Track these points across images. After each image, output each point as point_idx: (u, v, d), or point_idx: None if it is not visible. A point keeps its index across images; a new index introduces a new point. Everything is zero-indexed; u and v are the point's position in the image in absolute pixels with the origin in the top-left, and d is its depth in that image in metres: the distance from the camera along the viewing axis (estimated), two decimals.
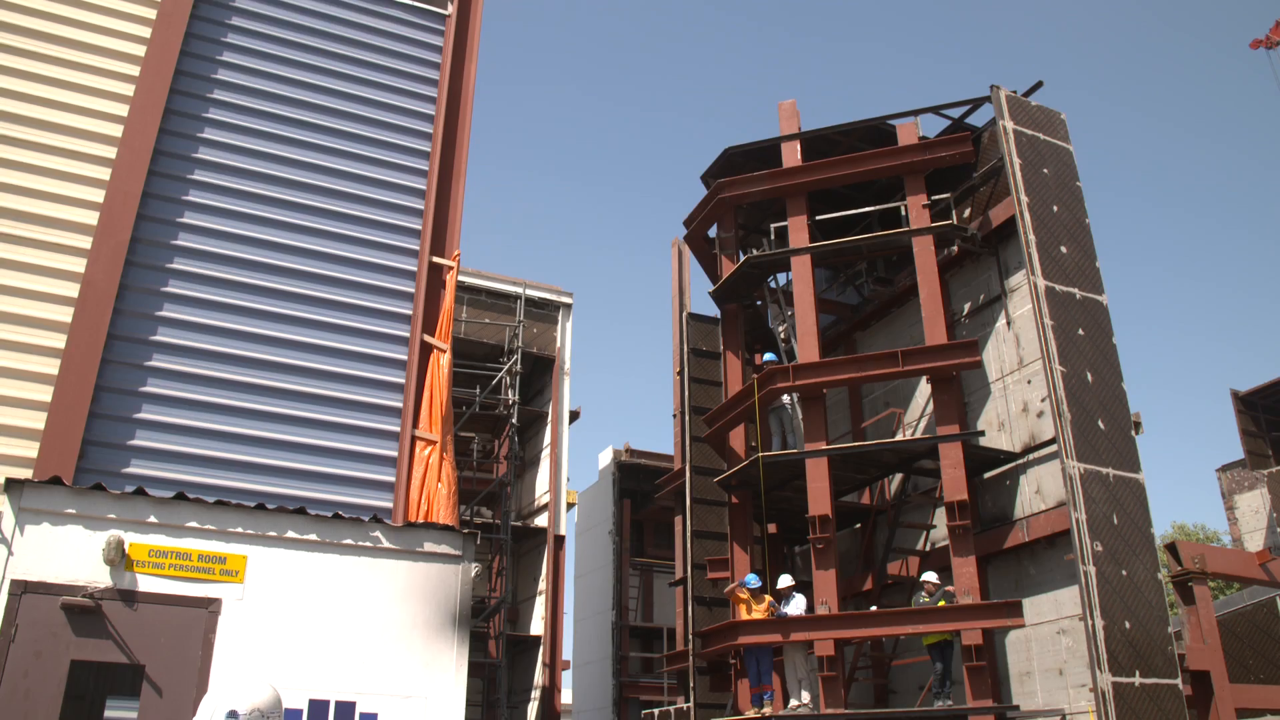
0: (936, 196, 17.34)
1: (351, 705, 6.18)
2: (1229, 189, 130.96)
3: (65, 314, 9.17)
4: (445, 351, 10.89)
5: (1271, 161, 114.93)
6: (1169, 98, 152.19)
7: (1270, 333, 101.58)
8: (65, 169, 9.80)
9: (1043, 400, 15.64)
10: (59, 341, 9.03)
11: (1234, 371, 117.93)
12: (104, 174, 9.85)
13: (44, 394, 8.78)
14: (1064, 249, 15.86)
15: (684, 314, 23.31)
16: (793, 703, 15.52)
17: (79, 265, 9.38)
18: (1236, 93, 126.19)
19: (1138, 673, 13.54)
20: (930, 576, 15.45)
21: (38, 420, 8.66)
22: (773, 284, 19.97)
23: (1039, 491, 15.81)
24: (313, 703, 6.11)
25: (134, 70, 10.42)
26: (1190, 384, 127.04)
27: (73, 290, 9.28)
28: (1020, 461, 16.24)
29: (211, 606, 6.05)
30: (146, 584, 5.94)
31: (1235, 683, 16.23)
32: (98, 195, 9.74)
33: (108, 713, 6.76)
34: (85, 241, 9.50)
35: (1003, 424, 16.74)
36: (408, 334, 10.78)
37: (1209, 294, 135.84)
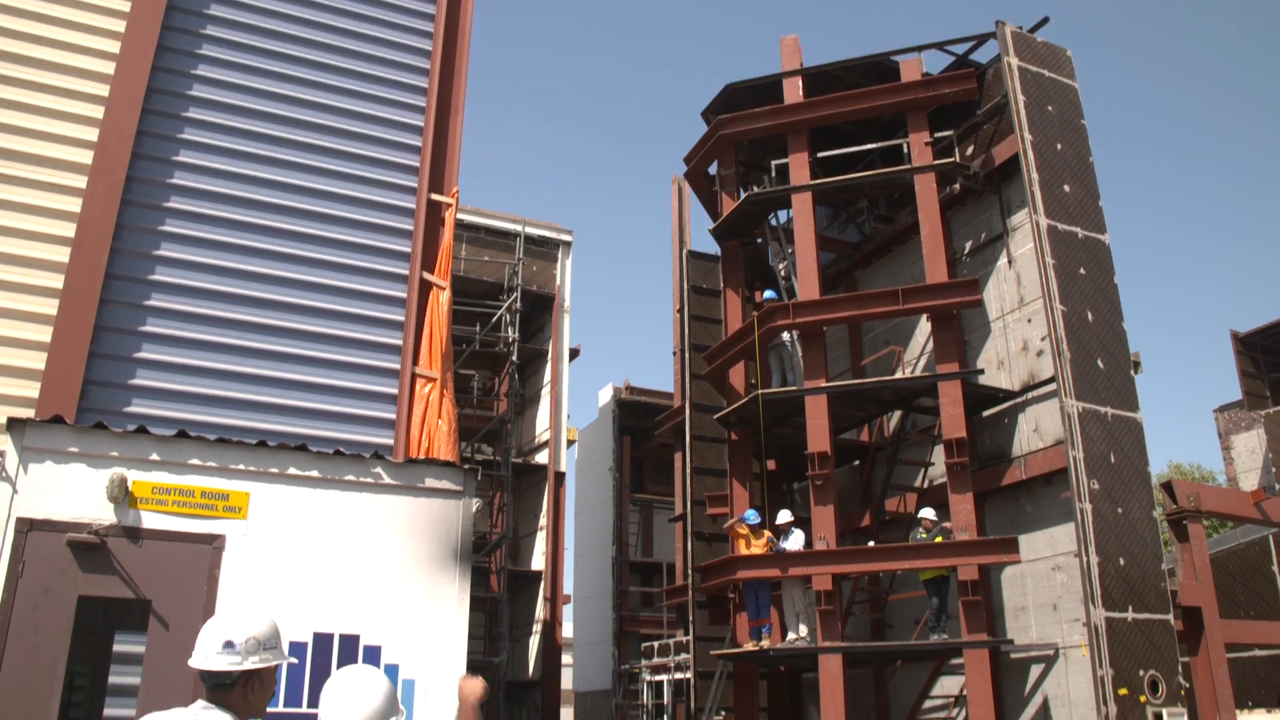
0: (939, 134, 17.19)
1: (355, 638, 6.26)
2: (1233, 131, 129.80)
3: (63, 254, 9.13)
4: (445, 289, 10.87)
5: (1274, 105, 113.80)
6: (1176, 40, 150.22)
7: (1271, 275, 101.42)
8: (59, 107, 9.69)
9: (1043, 339, 15.65)
10: (57, 282, 9.01)
11: (1234, 313, 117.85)
12: (98, 112, 9.75)
13: (43, 334, 8.78)
14: (1067, 187, 15.76)
15: (684, 251, 23.23)
16: (790, 636, 15.73)
17: (75, 205, 9.33)
18: (1243, 36, 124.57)
19: (1130, 608, 13.71)
20: (928, 513, 15.59)
21: (38, 360, 8.68)
22: (773, 221, 19.89)
23: (1037, 430, 15.88)
24: (317, 636, 6.18)
25: (126, 6, 10.28)
26: (1190, 325, 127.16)
27: (69, 230, 9.23)
28: (1019, 400, 16.29)
29: (215, 542, 6.11)
30: (150, 521, 5.99)
31: (1226, 618, 16.45)
32: (92, 134, 9.65)
33: (116, 647, 6.87)
34: (81, 181, 9.43)
35: (1002, 362, 16.77)
36: (407, 271, 10.74)
37: (1211, 235, 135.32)
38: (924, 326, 17.75)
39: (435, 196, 11.14)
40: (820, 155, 17.98)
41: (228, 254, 10.00)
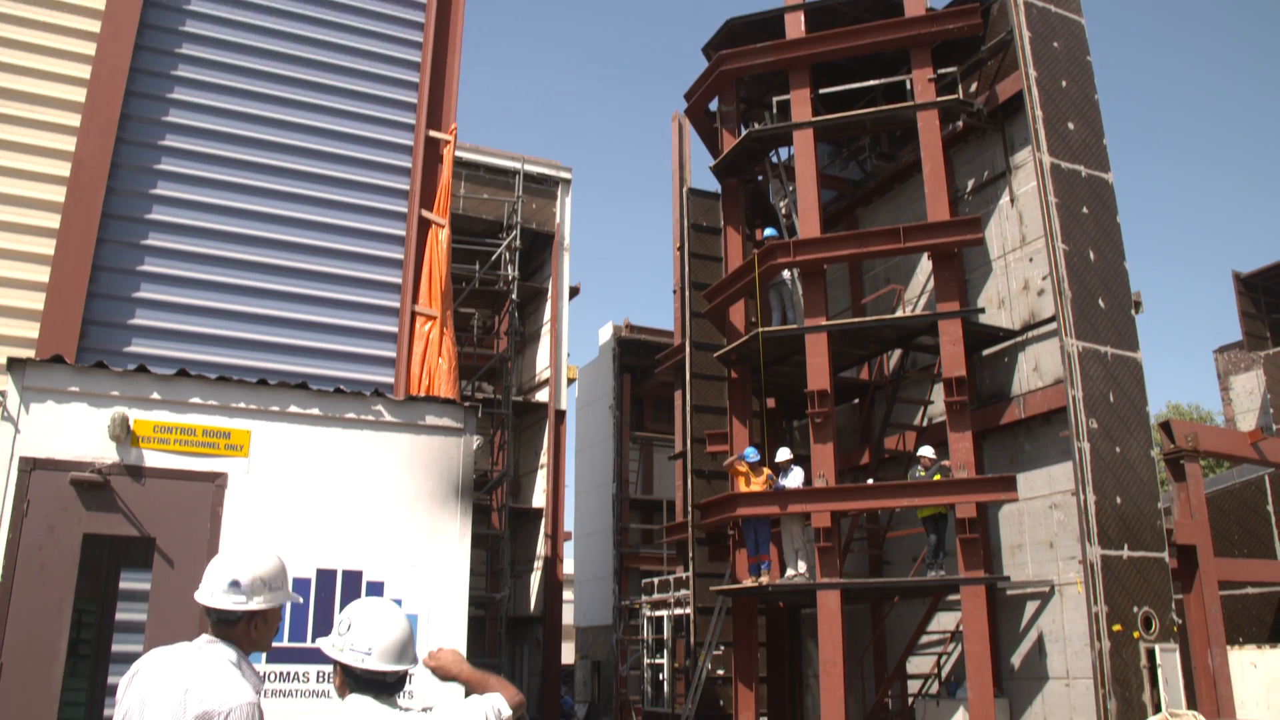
0: (943, 70, 16.98)
1: (358, 574, 6.31)
2: (1238, 71, 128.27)
3: (59, 194, 9.07)
4: (444, 227, 10.81)
5: (1278, 46, 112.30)
6: None
7: (1274, 216, 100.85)
8: (51, 44, 9.55)
9: (1044, 278, 15.61)
10: (54, 222, 8.96)
11: (1236, 254, 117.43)
12: (90, 49, 9.62)
13: (42, 275, 8.76)
14: (1071, 125, 15.62)
15: (684, 189, 23.09)
16: (789, 572, 15.89)
17: (70, 144, 9.24)
18: None
19: (1126, 546, 13.83)
20: (927, 451, 15.67)
21: (37, 301, 8.66)
22: (774, 159, 19.73)
23: (1037, 369, 15.90)
24: (320, 572, 6.24)
25: None
26: (1191, 266, 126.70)
27: (65, 169, 9.16)
28: (1019, 339, 16.29)
29: (218, 480, 6.14)
30: (153, 459, 6.01)
31: (1220, 557, 16.61)
32: (85, 71, 9.53)
33: (122, 584, 6.93)
34: (75, 119, 9.33)
35: (1003, 301, 16.75)
36: (405, 209, 10.68)
37: (1215, 175, 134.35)
38: (925, 265, 17.70)
39: (433, 133, 11.03)
40: (822, 92, 17.79)
41: (225, 192, 9.93)
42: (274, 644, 5.79)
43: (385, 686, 2.93)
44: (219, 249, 9.73)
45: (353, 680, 2.95)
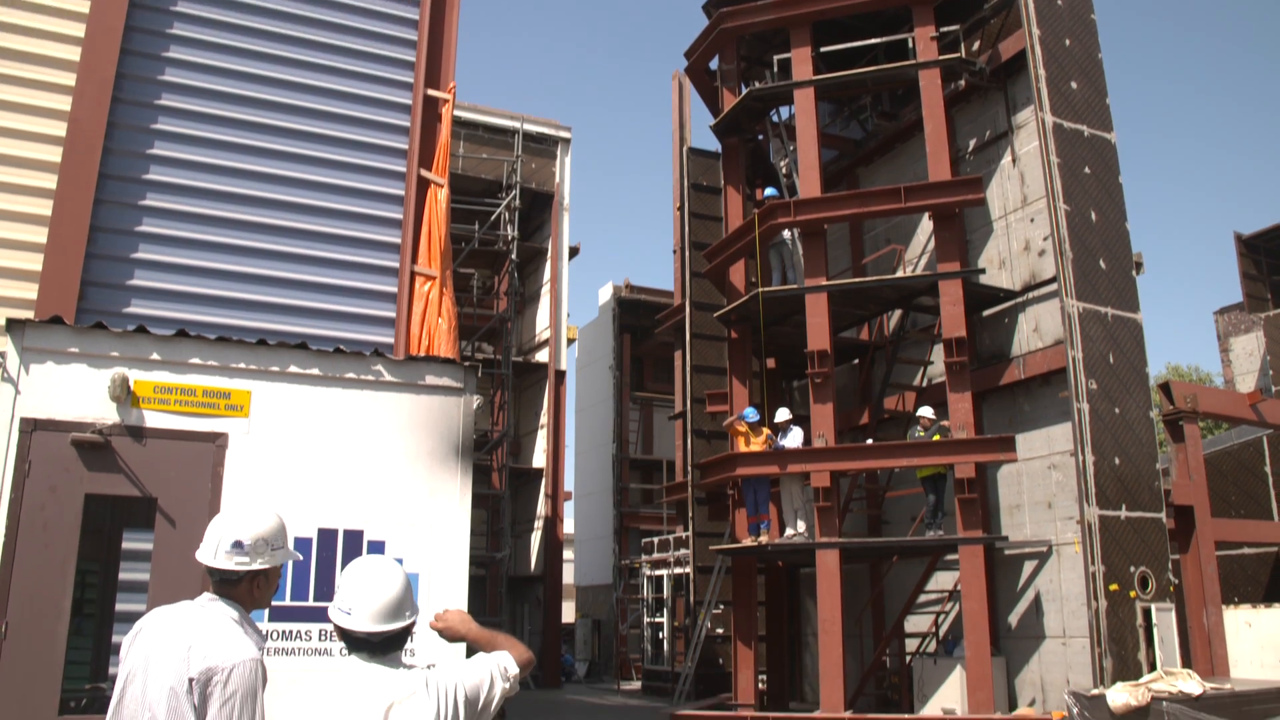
0: (945, 28, 16.82)
1: (359, 533, 6.34)
2: (1243, 32, 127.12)
3: (55, 154, 9.01)
4: (443, 186, 10.76)
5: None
6: None
7: (1278, 177, 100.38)
8: (44, 1, 9.45)
9: (1045, 239, 15.55)
10: (51, 182, 8.91)
11: (1239, 215, 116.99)
12: (84, 6, 9.52)
13: (39, 235, 8.72)
14: (1074, 84, 15.49)
15: (684, 148, 23.00)
16: (789, 531, 15.96)
17: (66, 104, 9.17)
18: None
19: (1124, 506, 13.89)
20: (926, 411, 15.68)
21: (35, 262, 8.63)
22: (775, 118, 19.58)
23: (1037, 330, 15.89)
24: (321, 532, 6.26)
25: None
26: (1193, 227, 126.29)
27: (61, 129, 9.09)
28: (1019, 300, 16.26)
29: (218, 440, 6.14)
30: (153, 420, 6.01)
31: (1217, 517, 16.68)
32: (79, 29, 9.43)
33: (125, 544, 6.96)
34: (70, 79, 9.25)
35: (1003, 262, 16.70)
36: (404, 169, 10.63)
37: (1218, 135, 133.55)
38: (926, 225, 17.63)
39: (432, 92, 10.95)
40: (823, 50, 17.63)
41: (224, 152, 9.87)
42: (276, 602, 5.86)
43: (373, 647, 2.89)
44: (217, 209, 9.68)
45: (345, 640, 2.95)
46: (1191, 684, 11.01)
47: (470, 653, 3.24)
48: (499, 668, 3.08)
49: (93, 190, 8.97)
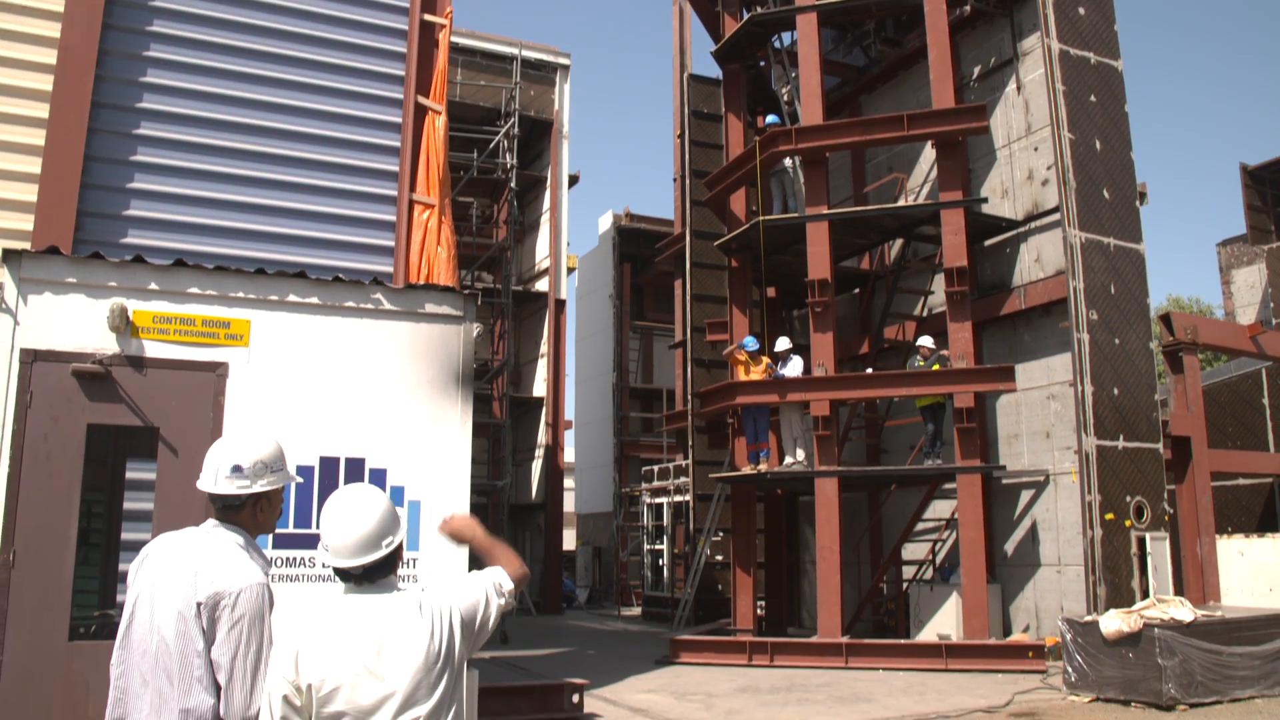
0: None
1: (361, 461, 6.36)
2: None
3: (46, 82, 8.88)
4: (440, 114, 10.65)
5: None
6: None
7: None
8: None
9: (1049, 168, 15.43)
10: (43, 111, 8.79)
11: (1245, 146, 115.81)
12: None
13: (33, 165, 8.64)
14: (1081, 10, 15.24)
15: (685, 75, 22.71)
16: (788, 460, 16.06)
17: (55, 30, 9.01)
18: None
19: (1121, 437, 13.95)
20: (926, 341, 15.69)
21: (30, 193, 8.57)
22: (777, 44, 19.32)
23: (1038, 260, 15.83)
24: (323, 460, 6.29)
25: None
26: (1198, 157, 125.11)
27: (51, 57, 8.95)
28: (1022, 229, 16.19)
29: (219, 370, 6.15)
30: (153, 350, 6.00)
31: (1214, 448, 16.74)
32: None
33: (128, 474, 7.01)
34: (59, 3, 9.08)
35: (1006, 191, 16.59)
36: (401, 95, 10.51)
37: (1225, 64, 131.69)
38: (928, 154, 17.48)
39: (428, 16, 10.78)
40: None
41: (218, 80, 9.74)
42: (279, 530, 5.92)
43: (360, 577, 2.90)
44: (213, 138, 9.58)
45: (335, 572, 2.96)
46: (1183, 611, 11.14)
47: (472, 559, 3.24)
48: (493, 585, 3.08)
49: (86, 119, 8.87)
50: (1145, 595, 13.08)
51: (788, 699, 11.69)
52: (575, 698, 10.51)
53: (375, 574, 2.92)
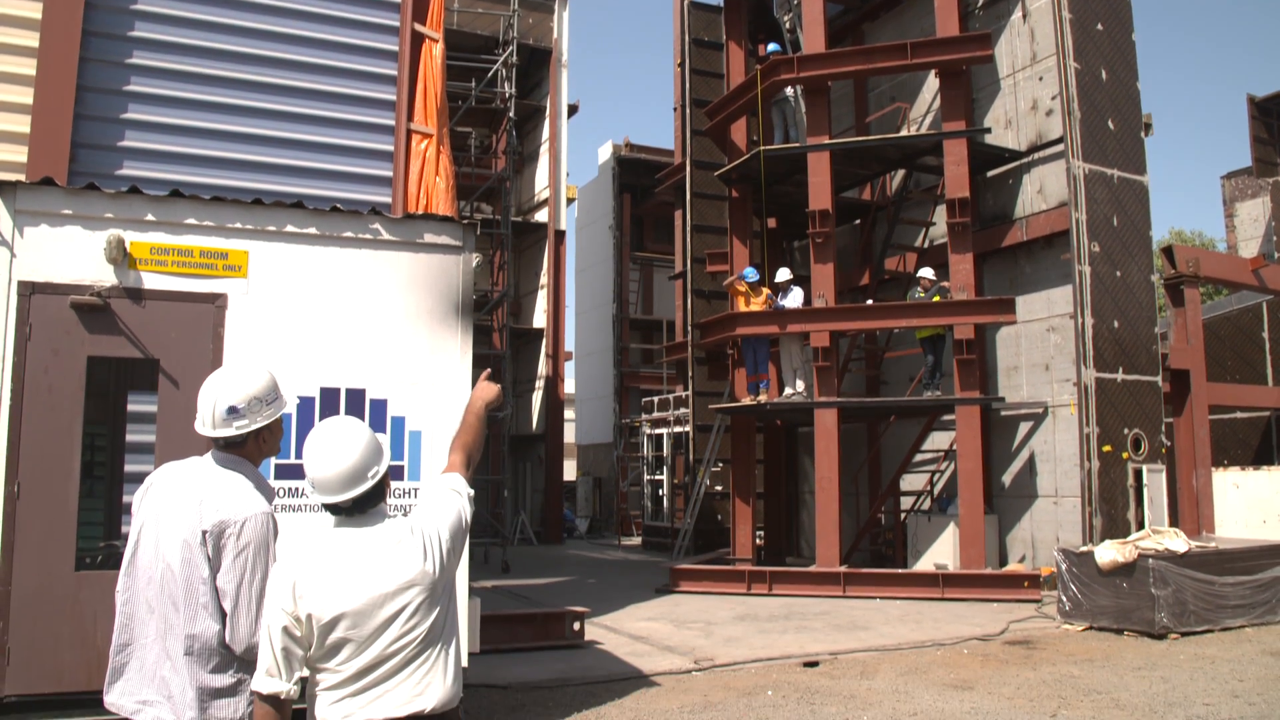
0: None
1: (361, 392, 6.35)
2: None
3: (36, 10, 8.72)
4: (437, 41, 10.50)
5: None
6: None
7: None
8: None
9: (1053, 98, 15.25)
10: (33, 40, 8.65)
11: (1252, 77, 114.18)
12: None
13: (25, 96, 8.53)
14: None
15: (685, 2, 22.36)
16: (787, 391, 16.11)
17: None
18: None
19: (1121, 369, 13.98)
20: (927, 272, 15.65)
21: (23, 124, 8.47)
22: None
23: (1041, 191, 15.72)
24: (324, 390, 6.28)
25: None
26: (1204, 87, 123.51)
27: None
28: (1025, 160, 16.05)
29: (218, 301, 6.11)
30: (151, 281, 5.97)
31: (1213, 382, 16.79)
32: None
33: (130, 406, 7.01)
34: None
35: (1010, 121, 16.42)
36: (397, 23, 10.34)
37: None
38: (932, 83, 17.28)
39: None
40: None
41: (213, 7, 9.57)
42: (280, 460, 5.94)
43: (347, 510, 2.93)
44: (208, 67, 9.45)
45: (324, 505, 2.98)
46: (1178, 542, 11.25)
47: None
48: (457, 493, 3.14)
49: (77, 47, 8.73)
50: (1141, 526, 13.20)
51: (786, 627, 11.85)
52: (576, 625, 10.66)
53: (364, 505, 2.95)
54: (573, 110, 28.96)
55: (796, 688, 8.50)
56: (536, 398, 27.57)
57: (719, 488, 21.50)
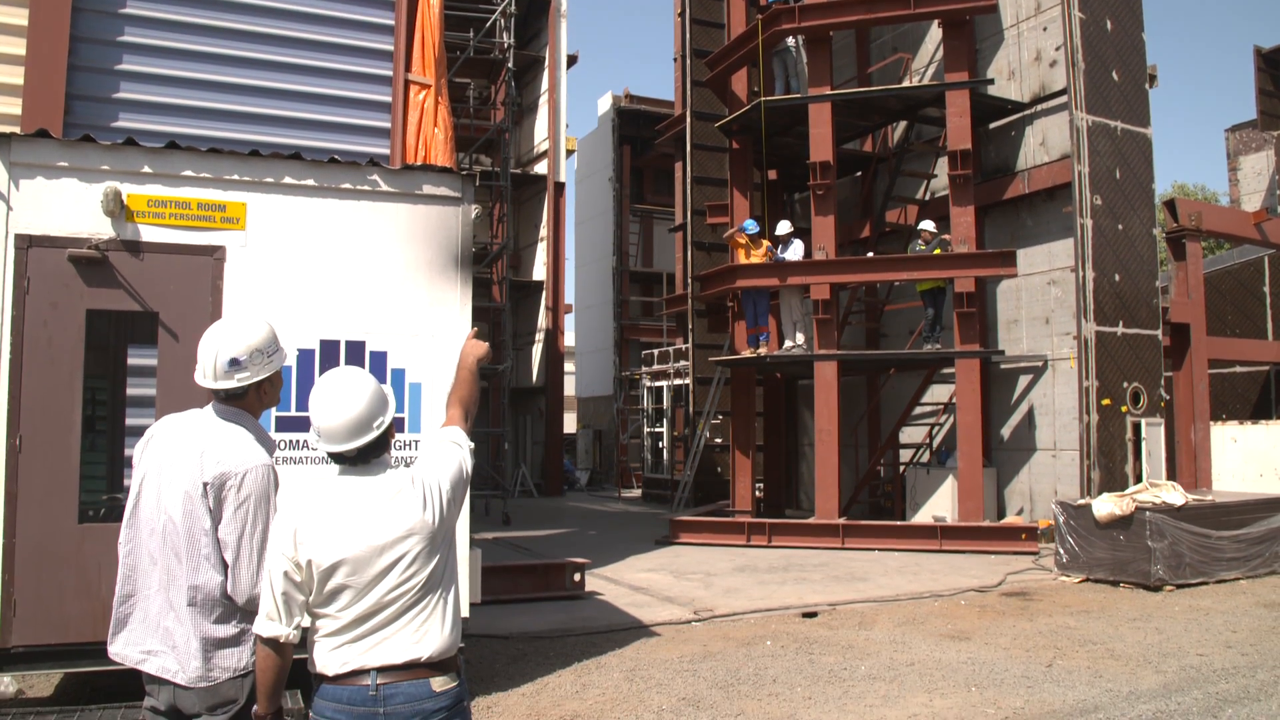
0: None
1: (361, 344, 6.35)
2: None
3: None
4: None
5: None
6: None
7: None
8: None
9: (1057, 49, 15.11)
10: None
11: (1259, 27, 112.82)
12: None
13: (18, 47, 8.43)
14: None
15: None
16: (787, 343, 16.10)
17: None
18: None
19: (1121, 323, 13.96)
20: (928, 225, 15.59)
21: (16, 76, 8.38)
22: None
23: (1044, 143, 15.62)
24: (324, 343, 6.27)
25: None
26: (1210, 39, 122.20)
27: None
28: (1027, 112, 15.93)
29: (216, 254, 6.09)
30: (149, 234, 5.94)
31: (1213, 336, 16.78)
32: None
33: (130, 360, 7.01)
34: None
35: (1013, 73, 16.27)
36: None
37: None
38: (934, 33, 17.10)
39: None
40: None
41: None
42: (281, 413, 5.95)
43: (352, 459, 2.95)
44: (203, 16, 9.34)
45: (328, 455, 3.00)
46: (1175, 495, 11.31)
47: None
48: (457, 445, 3.16)
49: None
50: (1138, 480, 13.26)
51: (785, 578, 11.94)
52: (577, 576, 10.74)
53: (369, 454, 2.98)
54: (572, 61, 28.69)
55: (795, 638, 8.58)
56: (536, 350, 27.58)
57: (719, 440, 21.56)
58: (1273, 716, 6.24)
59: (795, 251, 15.82)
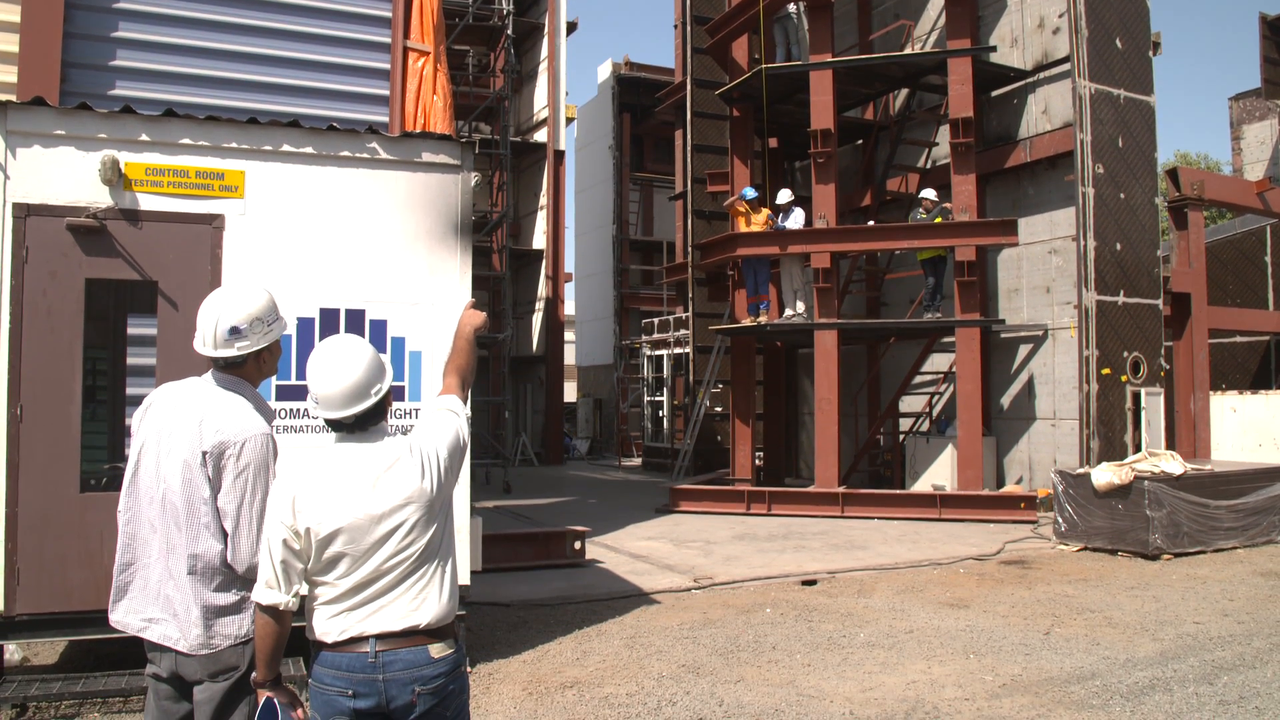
0: None
1: (361, 312, 6.34)
2: None
3: None
4: None
5: None
6: None
7: None
8: None
9: (1060, 16, 14.99)
10: None
11: None
12: None
13: (13, 14, 8.37)
14: None
15: None
16: (788, 312, 16.09)
17: None
18: None
19: (1122, 292, 13.94)
20: (929, 193, 15.53)
21: (11, 43, 8.32)
22: None
23: (1046, 111, 15.53)
24: (323, 311, 6.26)
25: None
26: (1215, 5, 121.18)
27: None
28: (1030, 80, 15.84)
29: (215, 222, 6.07)
30: (148, 203, 5.92)
31: (1214, 305, 16.75)
32: None
33: (130, 329, 7.00)
34: None
35: (1016, 40, 16.16)
36: None
37: None
38: (937, 0, 16.97)
39: None
40: None
41: None
42: (281, 381, 5.96)
43: (350, 426, 2.96)
44: None
45: (326, 422, 3.00)
46: (1173, 464, 11.33)
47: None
48: (454, 414, 3.17)
49: None
50: (1138, 449, 13.29)
51: (784, 546, 11.99)
52: (577, 544, 10.78)
53: (366, 422, 2.98)
54: (572, 28, 28.48)
55: (794, 605, 8.63)
56: (536, 319, 27.56)
57: (719, 409, 21.59)
58: (1268, 683, 6.29)
59: (796, 220, 15.77)
